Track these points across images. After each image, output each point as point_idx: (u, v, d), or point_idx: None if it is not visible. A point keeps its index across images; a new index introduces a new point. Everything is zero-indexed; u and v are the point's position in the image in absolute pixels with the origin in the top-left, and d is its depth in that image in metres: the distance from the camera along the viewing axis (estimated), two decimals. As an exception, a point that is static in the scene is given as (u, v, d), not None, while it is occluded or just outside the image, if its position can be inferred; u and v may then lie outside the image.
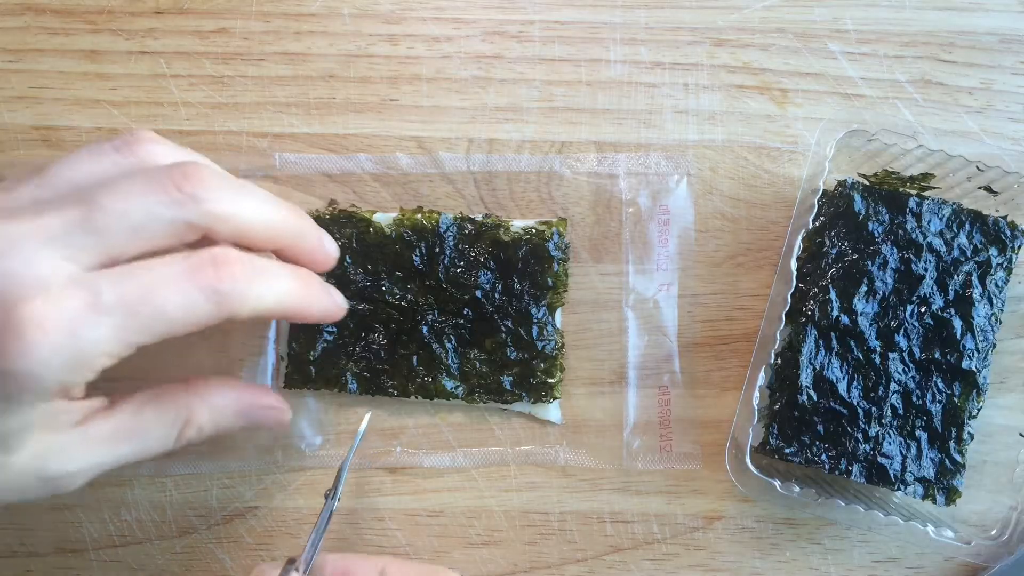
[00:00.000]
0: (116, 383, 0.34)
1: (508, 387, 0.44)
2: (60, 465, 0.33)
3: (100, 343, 0.30)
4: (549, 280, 0.43)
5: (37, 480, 0.33)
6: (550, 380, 0.44)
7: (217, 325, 0.44)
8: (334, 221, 0.44)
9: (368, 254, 0.44)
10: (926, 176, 0.44)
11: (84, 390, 0.33)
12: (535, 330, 0.43)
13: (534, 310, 0.43)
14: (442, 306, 0.44)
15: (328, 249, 0.39)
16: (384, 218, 0.44)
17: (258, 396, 0.39)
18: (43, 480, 0.33)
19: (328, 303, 0.38)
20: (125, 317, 0.31)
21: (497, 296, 0.43)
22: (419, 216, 0.44)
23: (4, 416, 0.31)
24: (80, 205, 0.31)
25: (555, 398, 0.44)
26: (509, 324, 0.43)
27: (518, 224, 0.44)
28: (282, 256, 0.37)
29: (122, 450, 0.34)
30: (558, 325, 0.44)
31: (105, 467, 0.34)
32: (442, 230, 0.44)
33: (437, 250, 0.43)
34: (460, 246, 0.44)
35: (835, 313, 0.42)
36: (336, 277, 0.44)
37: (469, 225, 0.44)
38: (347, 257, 0.44)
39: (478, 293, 0.43)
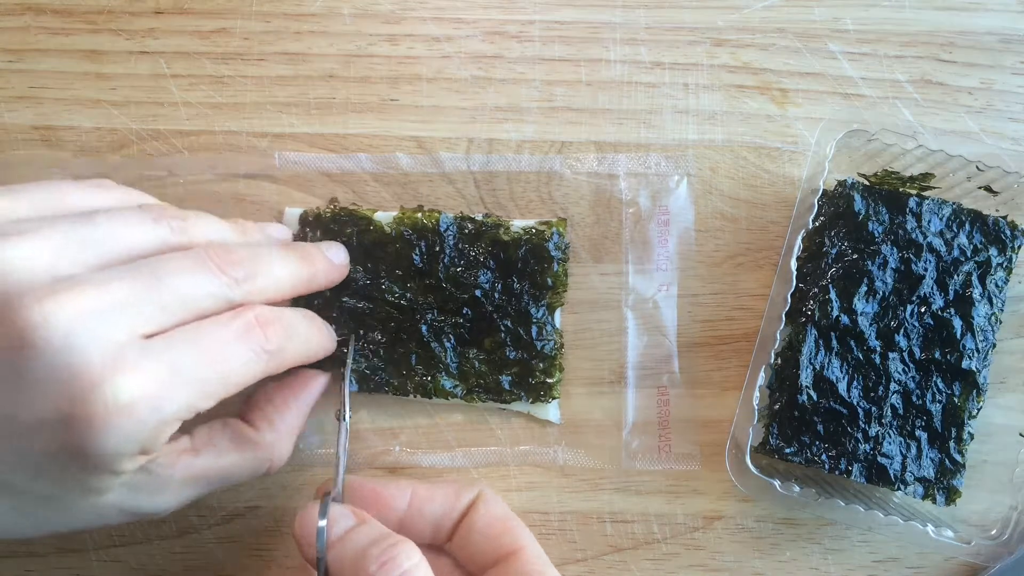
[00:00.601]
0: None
1: (507, 387, 0.43)
2: (149, 504, 0.34)
3: (177, 413, 0.31)
4: (549, 280, 0.43)
5: (123, 515, 0.34)
6: (549, 380, 0.44)
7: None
8: (335, 219, 0.44)
9: (368, 252, 0.44)
10: (926, 176, 0.44)
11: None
12: (534, 330, 0.43)
13: (533, 310, 0.43)
14: (441, 305, 0.44)
15: (338, 265, 0.42)
16: (384, 217, 0.44)
17: (312, 388, 0.41)
18: (130, 515, 0.34)
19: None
20: (198, 384, 0.32)
21: (496, 296, 0.43)
22: (419, 215, 0.44)
23: (89, 479, 0.31)
24: (142, 278, 0.32)
25: (554, 398, 0.44)
26: (508, 324, 0.43)
27: (518, 224, 0.44)
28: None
29: (204, 488, 0.37)
30: (557, 325, 0.44)
31: (186, 502, 0.36)
32: (442, 229, 0.44)
33: (437, 249, 0.43)
34: (460, 245, 0.44)
35: (835, 313, 0.42)
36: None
37: (469, 224, 0.44)
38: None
39: (477, 292, 0.43)
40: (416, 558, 0.33)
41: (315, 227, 0.44)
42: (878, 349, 0.42)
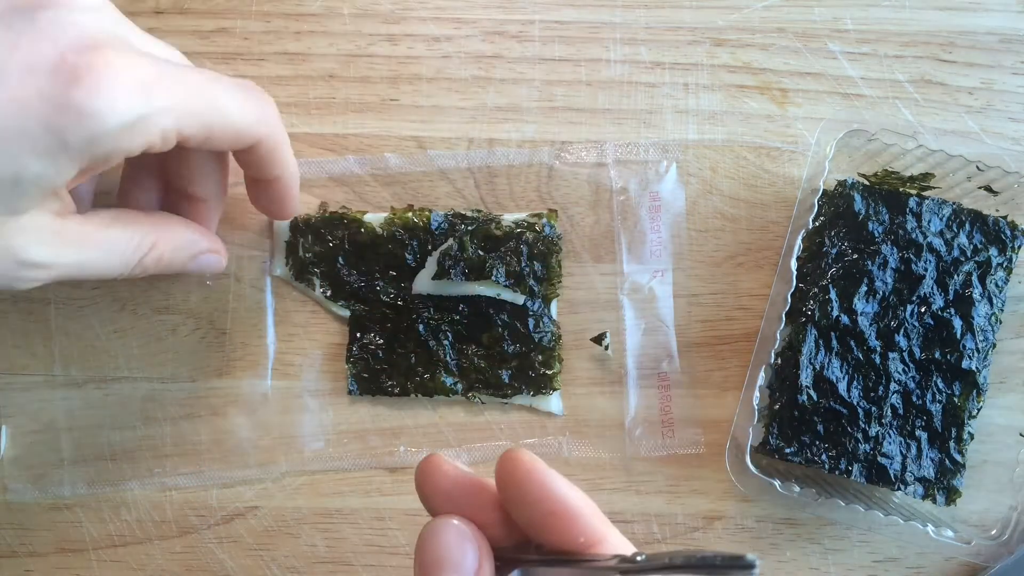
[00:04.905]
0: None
1: (507, 381, 0.44)
2: (36, 252, 0.33)
3: (163, 112, 0.31)
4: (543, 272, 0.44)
5: (13, 261, 0.32)
6: (548, 372, 0.44)
7: (213, 323, 0.44)
8: (325, 223, 0.44)
9: (361, 254, 0.44)
10: (926, 176, 0.44)
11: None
12: (531, 322, 0.43)
13: (529, 303, 0.43)
14: (437, 303, 0.44)
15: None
16: (375, 218, 0.44)
17: (208, 240, 0.40)
18: (18, 262, 0.32)
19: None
20: (187, 98, 0.32)
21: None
22: (410, 214, 0.44)
23: (42, 159, 0.30)
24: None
25: (555, 389, 0.44)
26: (505, 318, 0.43)
27: (509, 218, 0.44)
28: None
29: (88, 255, 0.35)
30: (554, 316, 0.44)
31: (69, 271, 0.34)
32: (434, 227, 0.44)
33: (430, 247, 0.43)
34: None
35: (835, 313, 0.42)
36: (330, 278, 0.44)
37: (460, 221, 0.44)
38: (340, 258, 0.44)
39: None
40: None
41: (305, 232, 0.44)
42: (878, 349, 0.42)
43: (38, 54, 0.29)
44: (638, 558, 0.26)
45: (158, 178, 0.40)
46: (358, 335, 0.44)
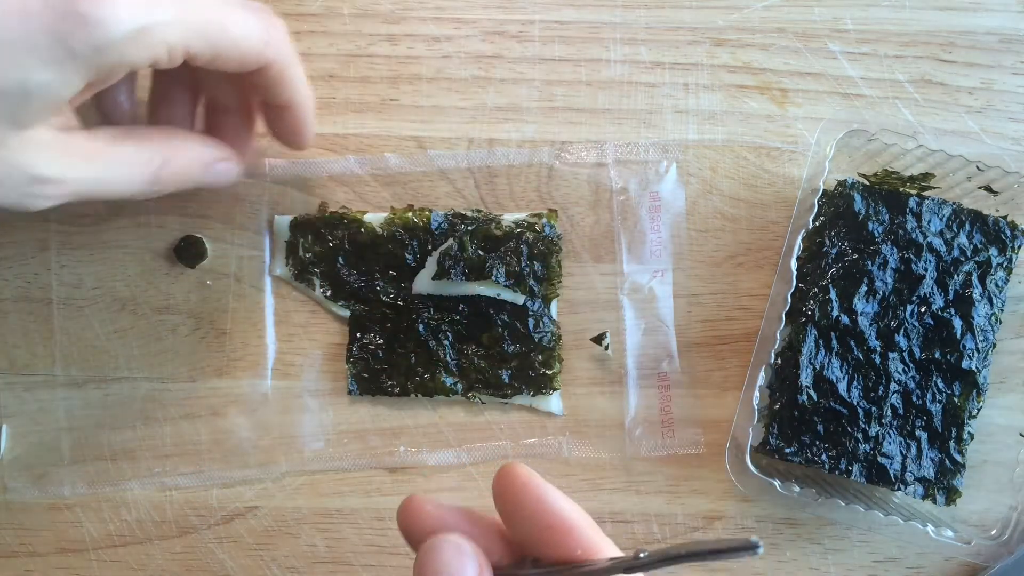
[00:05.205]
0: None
1: (507, 380, 0.44)
2: (46, 167, 0.33)
3: (166, 24, 0.31)
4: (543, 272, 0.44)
5: (24, 176, 0.32)
6: (548, 372, 0.44)
7: (213, 323, 0.44)
8: (325, 224, 0.44)
9: (361, 254, 0.44)
10: (926, 176, 0.44)
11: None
12: (531, 322, 0.43)
13: (529, 303, 0.43)
14: (437, 303, 0.44)
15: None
16: (375, 218, 0.44)
17: (219, 149, 0.40)
18: (27, 178, 0.32)
19: None
20: (192, 13, 0.32)
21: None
22: (410, 214, 0.44)
23: (48, 67, 0.30)
24: None
25: (555, 389, 0.44)
26: (505, 318, 0.43)
27: (509, 218, 0.44)
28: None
29: (99, 170, 0.35)
30: (554, 316, 0.44)
31: (81, 187, 0.34)
32: (434, 227, 0.44)
33: (429, 247, 0.44)
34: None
35: (835, 313, 0.42)
36: (330, 278, 0.44)
37: (460, 221, 0.44)
38: (340, 258, 0.44)
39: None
40: None
41: (305, 232, 0.44)
42: (878, 349, 0.42)
43: None
44: (640, 555, 0.27)
45: (185, 93, 0.40)
46: (358, 335, 0.44)
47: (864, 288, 0.42)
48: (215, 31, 0.33)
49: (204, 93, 0.40)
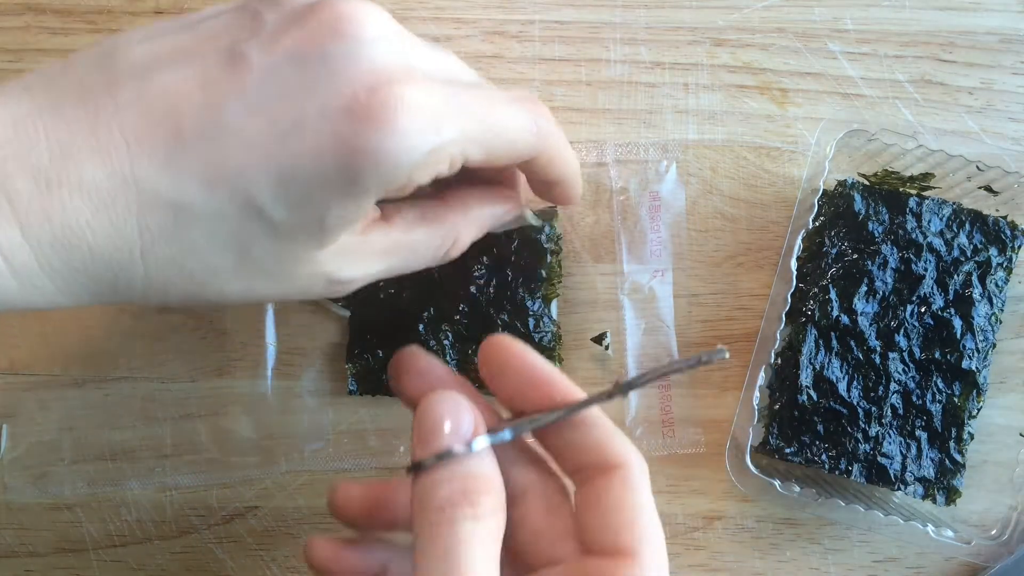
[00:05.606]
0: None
1: None
2: (349, 271, 0.34)
3: (452, 143, 0.31)
4: (542, 272, 0.43)
5: (325, 281, 0.33)
6: None
7: (213, 322, 0.44)
8: None
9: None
10: (926, 176, 0.44)
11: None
12: (531, 322, 0.43)
13: (529, 303, 0.43)
14: (437, 303, 0.44)
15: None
16: (380, 218, 0.44)
17: (503, 204, 0.39)
18: (330, 282, 0.33)
19: None
20: (474, 122, 0.32)
21: (491, 290, 0.43)
22: (417, 215, 0.44)
23: (342, 201, 0.30)
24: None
25: (554, 389, 0.44)
26: (505, 318, 0.43)
27: None
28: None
29: (393, 263, 0.35)
30: (554, 316, 0.44)
31: (373, 278, 0.35)
32: None
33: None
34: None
35: (835, 313, 0.42)
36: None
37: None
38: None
39: (472, 288, 0.43)
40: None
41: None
42: (878, 349, 0.42)
43: (333, 95, 0.29)
44: (617, 384, 0.32)
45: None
46: (358, 335, 0.44)
47: (864, 288, 0.42)
48: (492, 139, 0.33)
49: None
